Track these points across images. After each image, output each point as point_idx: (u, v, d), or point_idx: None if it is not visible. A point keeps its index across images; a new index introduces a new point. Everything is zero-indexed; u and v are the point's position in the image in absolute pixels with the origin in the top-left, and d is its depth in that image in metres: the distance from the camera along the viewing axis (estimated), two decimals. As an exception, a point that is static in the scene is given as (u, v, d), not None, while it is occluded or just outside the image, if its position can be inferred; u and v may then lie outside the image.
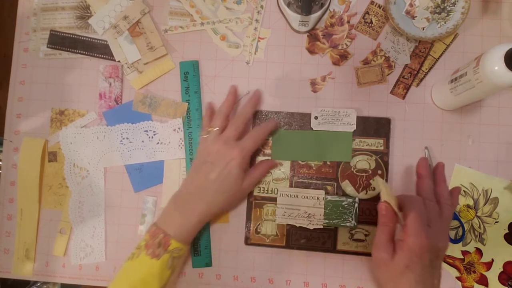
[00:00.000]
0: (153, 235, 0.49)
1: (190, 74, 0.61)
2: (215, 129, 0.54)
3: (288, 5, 0.58)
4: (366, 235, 0.56)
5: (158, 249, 0.48)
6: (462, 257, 0.56)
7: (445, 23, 0.58)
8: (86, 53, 0.62)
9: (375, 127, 0.58)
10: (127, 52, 0.61)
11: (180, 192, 0.53)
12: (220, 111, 0.55)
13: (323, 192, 0.57)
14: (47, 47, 0.63)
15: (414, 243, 0.41)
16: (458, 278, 0.56)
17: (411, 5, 0.59)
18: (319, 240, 0.57)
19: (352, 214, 0.56)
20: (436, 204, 0.46)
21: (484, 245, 0.56)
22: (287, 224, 0.57)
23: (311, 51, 0.60)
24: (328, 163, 0.58)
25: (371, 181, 0.56)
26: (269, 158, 0.58)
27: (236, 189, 0.52)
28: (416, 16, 0.59)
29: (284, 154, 0.58)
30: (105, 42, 0.62)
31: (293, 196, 0.57)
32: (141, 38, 0.61)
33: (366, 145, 0.57)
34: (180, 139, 0.60)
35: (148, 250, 0.48)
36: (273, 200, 0.58)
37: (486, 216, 0.56)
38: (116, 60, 0.61)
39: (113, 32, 0.61)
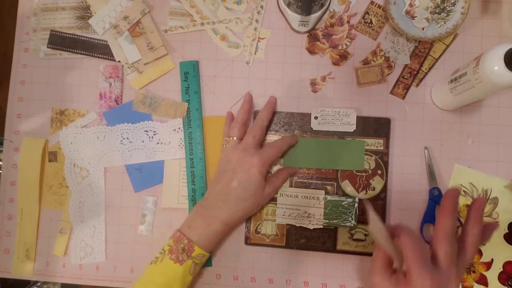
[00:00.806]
0: (177, 241, 0.50)
1: (190, 74, 0.61)
2: (233, 138, 0.54)
3: (288, 5, 0.58)
4: (366, 235, 0.56)
5: (182, 255, 0.49)
6: (462, 257, 0.56)
7: (445, 23, 0.58)
8: (86, 53, 0.62)
9: (375, 127, 0.58)
10: (127, 52, 0.61)
11: (203, 200, 0.54)
12: (236, 120, 0.55)
13: (323, 192, 0.57)
14: (47, 47, 0.63)
15: (416, 285, 0.37)
16: (458, 278, 0.56)
17: (411, 5, 0.59)
18: (319, 240, 0.57)
19: (352, 214, 0.56)
20: (456, 245, 0.40)
21: (484, 245, 0.56)
22: (287, 224, 0.57)
23: (311, 51, 0.61)
24: (328, 163, 0.58)
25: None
26: (281, 165, 0.58)
27: (258, 196, 0.52)
28: (416, 16, 0.59)
29: (296, 161, 0.58)
30: (105, 42, 0.62)
31: (293, 196, 0.57)
32: (141, 38, 0.61)
33: (366, 145, 0.58)
34: (180, 139, 0.60)
35: (172, 255, 0.50)
36: (273, 200, 0.58)
37: (486, 216, 0.56)
38: (116, 60, 0.61)
39: (113, 32, 0.61)
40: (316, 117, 0.58)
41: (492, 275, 0.56)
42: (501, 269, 0.56)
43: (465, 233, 0.42)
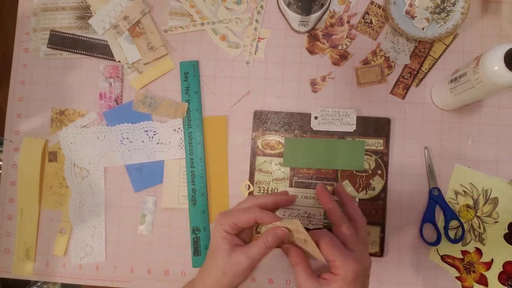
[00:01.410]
0: None
1: (190, 74, 0.61)
2: None
3: (288, 5, 0.58)
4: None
5: None
6: (462, 257, 0.56)
7: (444, 23, 0.58)
8: (86, 53, 0.62)
9: (375, 127, 0.58)
10: (127, 52, 0.61)
11: None
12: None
13: (323, 192, 0.57)
14: (47, 47, 0.63)
15: (346, 271, 0.38)
16: (458, 278, 0.56)
17: (411, 5, 0.59)
18: (319, 240, 0.57)
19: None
20: (350, 225, 0.43)
21: (484, 245, 0.56)
22: (287, 224, 0.57)
23: (311, 51, 0.61)
24: (328, 163, 0.58)
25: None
26: (281, 165, 0.58)
27: (220, 262, 0.42)
28: (416, 16, 0.59)
29: (295, 161, 0.58)
30: (105, 42, 0.62)
31: (293, 196, 0.57)
32: (141, 38, 0.61)
33: (366, 145, 0.58)
34: (180, 139, 0.60)
35: None
36: (273, 200, 0.58)
37: (485, 216, 0.56)
38: (116, 60, 0.61)
39: (113, 32, 0.61)
40: (316, 117, 0.58)
41: (492, 275, 0.56)
42: (501, 269, 0.56)
43: (349, 213, 0.45)
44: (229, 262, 0.42)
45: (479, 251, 0.56)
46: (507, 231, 0.56)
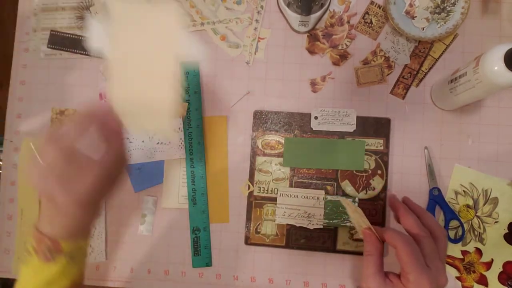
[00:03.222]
0: (39, 241, 0.40)
1: (190, 74, 0.61)
2: None
3: (288, 5, 0.58)
4: (366, 235, 0.56)
5: (49, 254, 0.40)
6: (461, 257, 0.56)
7: (444, 23, 0.58)
8: (86, 53, 0.62)
9: (375, 127, 0.58)
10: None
11: None
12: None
13: (323, 192, 0.57)
14: (48, 47, 0.63)
15: None
16: (458, 278, 0.56)
17: (411, 5, 0.59)
18: (319, 240, 0.57)
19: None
20: (431, 239, 0.42)
21: (484, 245, 0.56)
22: (287, 224, 0.57)
23: (311, 51, 0.61)
24: (328, 163, 0.58)
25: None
26: (281, 165, 0.58)
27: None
28: (416, 16, 0.59)
29: (295, 161, 0.58)
30: (105, 42, 0.62)
31: (293, 196, 0.57)
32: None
33: (366, 145, 0.58)
34: (180, 139, 0.60)
35: (39, 255, 0.40)
36: (273, 200, 0.58)
37: (485, 216, 0.56)
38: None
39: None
40: (316, 117, 0.58)
41: (492, 275, 0.56)
42: (501, 269, 0.56)
43: (427, 226, 0.43)
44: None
45: (479, 251, 0.56)
46: (507, 231, 0.56)
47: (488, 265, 0.56)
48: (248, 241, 0.58)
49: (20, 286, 0.42)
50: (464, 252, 0.56)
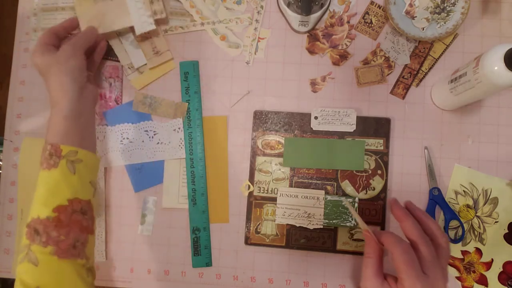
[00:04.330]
0: (43, 150, 0.48)
1: (190, 74, 0.61)
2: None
3: (288, 5, 0.58)
4: (366, 235, 0.56)
5: (51, 160, 0.47)
6: (461, 257, 0.56)
7: (444, 23, 0.58)
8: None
9: (375, 127, 0.58)
10: (132, 57, 0.61)
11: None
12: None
13: (323, 192, 0.57)
14: (47, 47, 0.63)
15: None
16: (458, 278, 0.56)
17: (410, 5, 0.59)
18: (319, 240, 0.57)
19: (353, 216, 0.56)
20: (431, 246, 0.41)
21: (484, 245, 0.56)
22: (287, 224, 0.57)
23: (311, 51, 0.61)
24: (328, 163, 0.58)
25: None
26: (281, 165, 0.58)
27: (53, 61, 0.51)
28: (415, 16, 0.59)
29: (295, 161, 0.58)
30: (105, 42, 0.62)
31: (293, 196, 0.57)
32: (146, 43, 0.61)
33: (366, 145, 0.58)
34: (180, 139, 0.60)
35: (43, 165, 0.48)
36: (273, 200, 0.58)
37: (485, 216, 0.56)
38: (122, 64, 0.61)
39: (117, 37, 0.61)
40: (316, 117, 0.58)
41: (492, 275, 0.56)
42: (501, 269, 0.56)
43: (428, 232, 0.43)
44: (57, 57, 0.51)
45: (479, 251, 0.56)
46: (507, 231, 0.56)
47: (488, 265, 0.56)
48: (248, 241, 0.58)
49: (32, 203, 0.47)
50: (464, 252, 0.56)
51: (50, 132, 0.49)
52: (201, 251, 0.58)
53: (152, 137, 0.60)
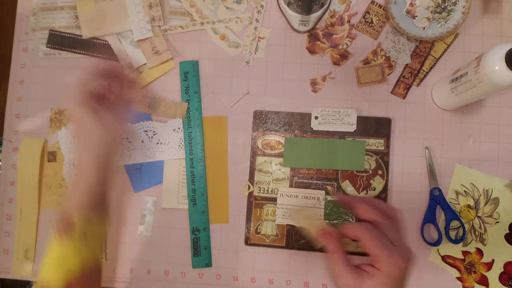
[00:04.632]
0: (57, 217, 0.47)
1: (190, 74, 0.60)
2: None
3: (288, 4, 0.58)
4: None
5: (63, 228, 0.46)
6: (462, 257, 0.56)
7: (445, 22, 0.58)
8: (86, 52, 0.62)
9: (376, 127, 0.58)
10: (132, 56, 0.61)
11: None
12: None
13: (323, 192, 0.57)
14: (47, 46, 0.62)
15: (391, 267, 0.37)
16: (459, 279, 0.56)
17: (411, 4, 0.58)
18: (319, 240, 0.57)
19: (352, 214, 0.56)
20: (388, 220, 0.41)
21: (485, 245, 0.56)
22: (287, 225, 0.57)
23: (311, 50, 0.60)
24: (328, 163, 0.58)
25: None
26: (281, 165, 0.58)
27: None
28: (416, 16, 0.58)
29: (295, 161, 0.58)
30: (104, 42, 0.61)
31: (293, 196, 0.57)
32: (146, 43, 0.61)
33: (367, 145, 0.57)
34: (180, 139, 0.60)
35: (55, 231, 0.46)
36: (273, 200, 0.58)
37: (486, 216, 0.56)
38: (122, 64, 0.61)
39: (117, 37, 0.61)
40: (316, 117, 0.58)
41: (493, 276, 0.55)
42: (502, 270, 0.56)
43: (378, 209, 0.42)
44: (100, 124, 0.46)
45: (480, 252, 0.56)
46: (508, 232, 0.56)
47: (489, 265, 0.56)
48: (248, 242, 0.58)
49: (42, 266, 0.47)
50: (465, 253, 0.56)
51: (69, 198, 0.48)
52: (201, 251, 0.58)
53: (152, 137, 0.60)
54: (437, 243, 0.56)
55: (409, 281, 0.39)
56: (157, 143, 0.60)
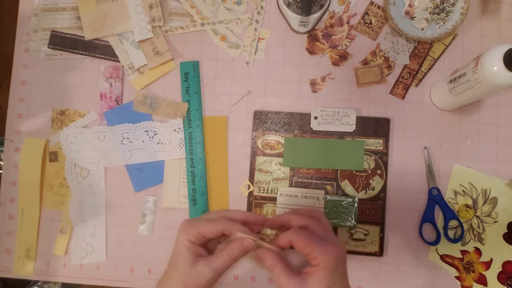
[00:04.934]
0: None
1: (191, 74, 0.61)
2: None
3: (288, 5, 0.58)
4: (365, 234, 0.57)
5: None
6: (461, 256, 0.56)
7: (444, 23, 0.58)
8: (87, 53, 0.62)
9: (375, 127, 0.58)
10: (133, 57, 0.61)
11: None
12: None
13: (322, 192, 0.57)
14: (48, 47, 0.63)
15: (327, 258, 0.38)
16: (457, 278, 0.56)
17: (410, 5, 0.59)
18: (319, 240, 0.57)
19: (352, 214, 0.56)
20: (315, 220, 0.42)
21: (483, 244, 0.56)
22: (287, 224, 0.57)
23: (311, 51, 0.61)
24: (327, 163, 0.58)
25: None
26: (281, 164, 0.58)
27: (183, 274, 0.41)
28: (415, 17, 0.59)
29: (295, 161, 0.58)
30: (105, 43, 0.62)
31: (293, 196, 0.57)
32: (147, 43, 0.61)
33: (366, 145, 0.58)
34: (181, 139, 0.60)
35: None
36: (273, 200, 0.58)
37: (485, 216, 0.57)
38: (122, 64, 0.61)
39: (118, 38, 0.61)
40: (316, 117, 0.59)
41: (492, 275, 0.56)
42: (501, 269, 0.56)
43: (301, 213, 0.43)
44: (191, 273, 0.40)
45: (478, 251, 0.56)
46: (506, 231, 0.56)
47: (488, 264, 0.56)
48: (248, 241, 0.58)
49: None
50: (463, 252, 0.56)
51: None
52: (201, 250, 0.59)
53: (152, 137, 0.60)
54: (435, 242, 0.56)
55: (347, 273, 0.40)
56: (158, 143, 0.60)
